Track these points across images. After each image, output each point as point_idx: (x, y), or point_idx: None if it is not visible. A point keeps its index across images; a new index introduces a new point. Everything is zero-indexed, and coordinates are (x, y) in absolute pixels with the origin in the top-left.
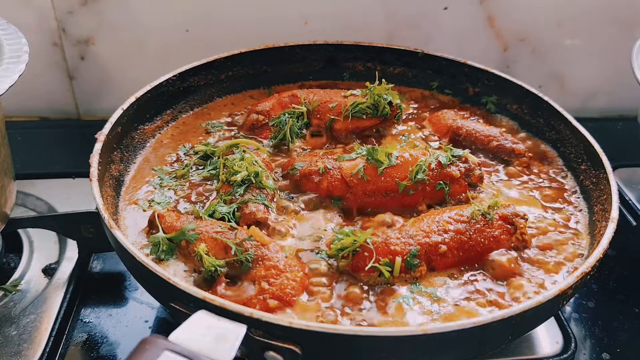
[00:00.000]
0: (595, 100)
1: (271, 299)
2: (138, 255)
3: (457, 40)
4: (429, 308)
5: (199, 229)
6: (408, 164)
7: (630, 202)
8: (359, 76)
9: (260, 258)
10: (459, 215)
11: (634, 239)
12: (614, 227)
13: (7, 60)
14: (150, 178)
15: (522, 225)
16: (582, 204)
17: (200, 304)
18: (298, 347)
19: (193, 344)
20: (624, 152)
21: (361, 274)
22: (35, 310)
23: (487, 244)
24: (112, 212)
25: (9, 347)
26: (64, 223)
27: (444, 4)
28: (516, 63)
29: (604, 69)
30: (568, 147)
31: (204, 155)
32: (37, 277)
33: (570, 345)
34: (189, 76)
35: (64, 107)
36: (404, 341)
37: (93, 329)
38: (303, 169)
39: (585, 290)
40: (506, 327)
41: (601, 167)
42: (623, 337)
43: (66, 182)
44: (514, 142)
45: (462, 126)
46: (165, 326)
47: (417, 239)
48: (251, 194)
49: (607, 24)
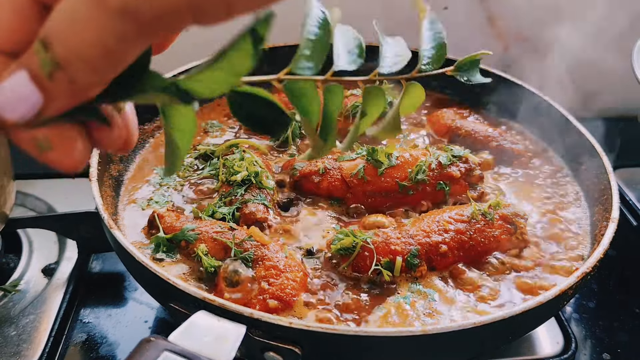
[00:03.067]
0: (595, 100)
1: (271, 299)
2: (138, 255)
3: (457, 40)
4: (429, 308)
5: (198, 229)
6: (408, 164)
7: (631, 202)
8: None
9: (260, 258)
10: (460, 215)
11: (634, 239)
12: (615, 227)
13: None
14: (149, 178)
15: (522, 225)
16: (582, 204)
17: (200, 304)
18: (298, 347)
19: (193, 345)
20: (625, 152)
21: (361, 274)
22: (35, 310)
23: (488, 244)
24: (112, 212)
25: (8, 347)
26: (64, 223)
27: (444, 3)
28: (516, 63)
29: (604, 69)
30: (568, 147)
31: (204, 155)
32: (37, 277)
33: (571, 345)
34: None
35: None
36: (404, 341)
37: (92, 329)
38: (303, 169)
39: (586, 290)
40: (506, 327)
41: (601, 167)
42: (623, 337)
43: (66, 182)
44: (513, 142)
45: (462, 126)
46: (165, 326)
47: (417, 238)
48: (251, 194)
49: (607, 24)
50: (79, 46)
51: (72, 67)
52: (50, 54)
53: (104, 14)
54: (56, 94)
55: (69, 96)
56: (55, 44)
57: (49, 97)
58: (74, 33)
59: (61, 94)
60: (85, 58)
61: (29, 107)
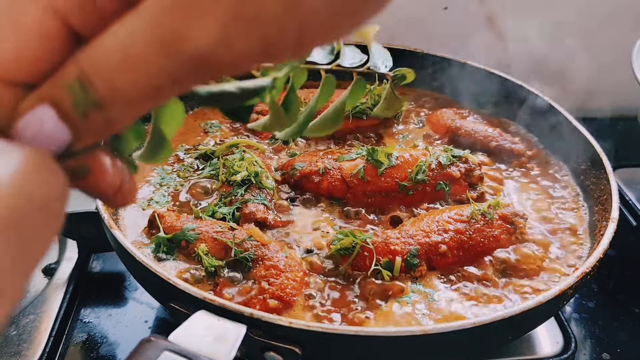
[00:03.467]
0: (595, 100)
1: (271, 298)
2: (138, 255)
3: (457, 40)
4: (429, 308)
5: (199, 229)
6: (408, 164)
7: (631, 202)
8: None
9: (260, 258)
10: (459, 215)
11: (634, 239)
12: (614, 227)
13: None
14: (150, 178)
15: (522, 225)
16: (582, 204)
17: (200, 304)
18: (298, 347)
19: (193, 344)
20: (624, 152)
21: (361, 274)
22: (35, 310)
23: (487, 244)
24: (112, 212)
25: (9, 347)
26: (64, 223)
27: (444, 4)
28: (516, 63)
29: (604, 69)
30: (568, 147)
31: (204, 155)
32: (37, 277)
33: (571, 345)
34: None
35: None
36: (404, 341)
37: (93, 329)
38: (303, 169)
39: (586, 290)
40: (506, 327)
41: (601, 167)
42: (623, 337)
43: None
44: (513, 142)
45: (461, 126)
46: (165, 326)
47: (417, 238)
48: (251, 194)
49: (607, 24)
50: (127, 88)
51: (113, 108)
52: (90, 94)
53: (170, 58)
54: (88, 132)
55: (102, 133)
56: (98, 84)
57: (78, 136)
58: (124, 73)
59: (93, 132)
60: (131, 100)
61: (55, 146)
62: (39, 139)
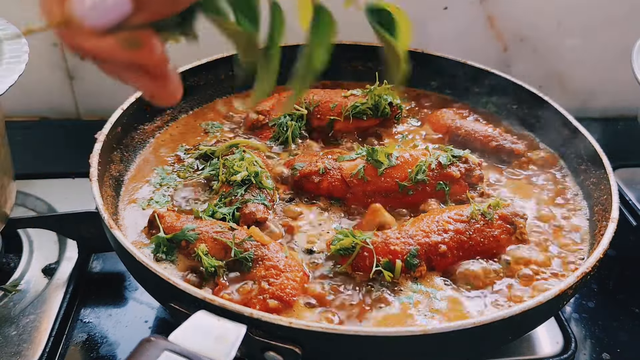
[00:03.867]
0: (595, 100)
1: (271, 298)
2: (138, 255)
3: (457, 40)
4: (430, 307)
5: (199, 229)
6: (408, 164)
7: (631, 202)
8: (359, 76)
9: (260, 258)
10: (459, 215)
11: (634, 239)
12: (614, 227)
13: (7, 60)
14: (150, 178)
15: (521, 225)
16: (582, 204)
17: (200, 304)
18: (298, 347)
19: (193, 344)
20: (624, 152)
21: (361, 274)
22: (35, 310)
23: (487, 244)
24: (112, 212)
25: (9, 347)
26: (64, 223)
27: (444, 4)
28: (516, 63)
29: (604, 69)
30: (568, 147)
31: (204, 156)
32: (37, 277)
33: (571, 345)
34: (189, 76)
35: (63, 107)
36: (404, 341)
37: (93, 329)
38: (303, 169)
39: (586, 290)
40: (506, 327)
41: (601, 167)
42: (623, 337)
43: (66, 182)
44: (513, 142)
45: (461, 126)
46: (165, 326)
47: (416, 238)
48: (251, 194)
49: (607, 24)
50: None
51: None
52: None
53: None
54: (147, 4)
55: (163, 9)
56: None
57: (138, 7)
58: None
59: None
60: None
61: (116, 15)
62: (100, 8)
